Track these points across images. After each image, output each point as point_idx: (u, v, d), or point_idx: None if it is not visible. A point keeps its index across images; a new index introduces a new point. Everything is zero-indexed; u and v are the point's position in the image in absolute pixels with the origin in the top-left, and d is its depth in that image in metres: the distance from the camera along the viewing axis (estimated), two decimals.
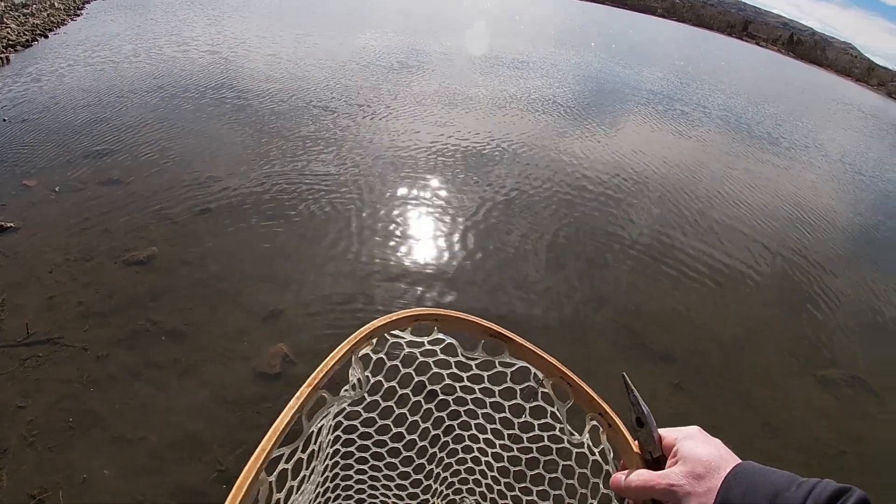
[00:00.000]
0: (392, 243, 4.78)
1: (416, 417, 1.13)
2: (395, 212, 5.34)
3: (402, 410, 1.10)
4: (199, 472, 2.64)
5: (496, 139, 8.11)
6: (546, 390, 0.89)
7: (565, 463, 1.02)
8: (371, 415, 1.08)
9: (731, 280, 5.54)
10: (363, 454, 1.15)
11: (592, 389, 0.86)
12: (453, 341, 0.95)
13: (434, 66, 13.05)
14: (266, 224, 4.73)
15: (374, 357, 0.90)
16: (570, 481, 1.00)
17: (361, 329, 0.84)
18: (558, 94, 12.50)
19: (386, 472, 1.20)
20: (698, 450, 0.68)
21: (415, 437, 1.17)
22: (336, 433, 1.01)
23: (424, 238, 4.98)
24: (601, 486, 0.91)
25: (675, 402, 3.74)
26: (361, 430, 1.11)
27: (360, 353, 0.84)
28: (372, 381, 0.95)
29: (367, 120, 7.89)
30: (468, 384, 1.07)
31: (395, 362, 1.00)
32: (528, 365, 0.91)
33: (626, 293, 4.81)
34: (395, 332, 0.90)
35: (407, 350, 0.96)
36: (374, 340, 0.86)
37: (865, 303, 5.99)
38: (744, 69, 41.31)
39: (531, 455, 1.12)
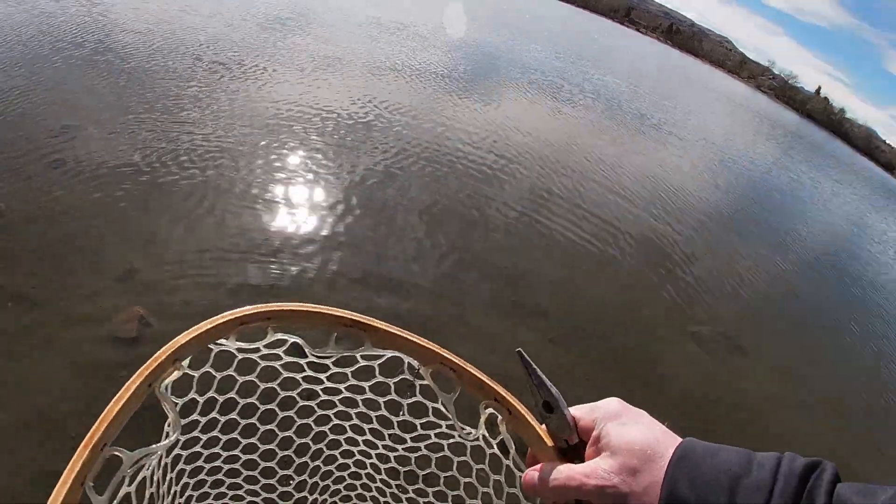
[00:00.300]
0: (260, 206, 4.38)
1: (271, 427, 0.92)
2: (266, 174, 4.89)
3: (250, 421, 0.89)
4: (56, 451, 2.36)
5: (375, 105, 7.71)
6: (425, 382, 0.73)
7: (460, 459, 0.86)
8: (212, 438, 0.85)
9: (603, 243, 5.74)
10: (219, 488, 0.92)
11: (483, 372, 0.70)
12: (298, 340, 0.74)
13: (317, 26, 12.32)
14: (125, 180, 4.22)
15: (197, 374, 0.69)
16: (469, 479, 0.86)
17: (159, 352, 0.61)
18: (439, 65, 12.24)
19: (264, 494, 1.01)
20: (629, 434, 0.55)
21: (284, 451, 0.98)
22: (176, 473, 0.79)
23: (295, 202, 4.62)
24: (504, 483, 0.76)
25: (549, 356, 3.82)
26: (207, 464, 0.88)
27: (164, 385, 0.62)
28: (201, 401, 0.76)
29: (243, 79, 7.25)
30: (331, 385, 0.87)
31: (227, 372, 0.76)
32: (398, 354, 0.74)
33: (501, 255, 4.82)
34: (220, 341, 0.69)
35: (242, 357, 0.74)
36: (186, 363, 0.64)
37: (727, 266, 6.63)
38: (624, 53, 43.58)
39: (421, 454, 0.94)
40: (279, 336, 0.72)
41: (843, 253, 11.34)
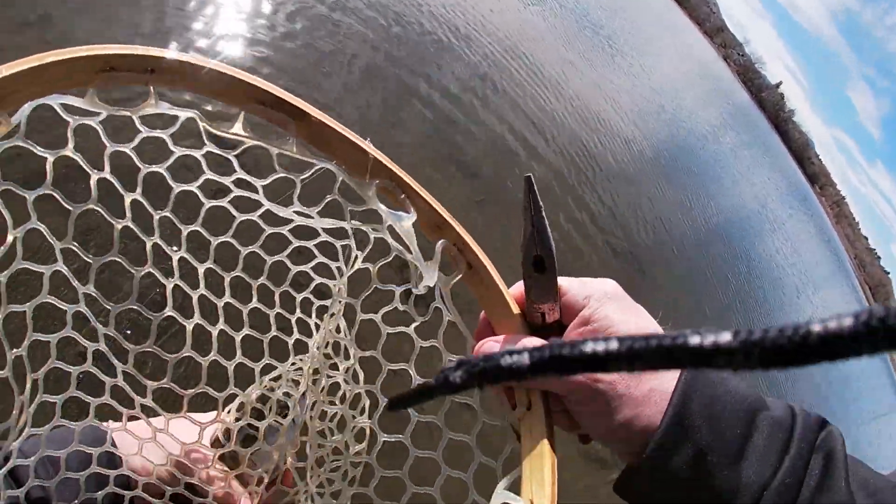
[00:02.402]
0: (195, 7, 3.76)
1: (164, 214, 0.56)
2: None
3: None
4: None
5: None
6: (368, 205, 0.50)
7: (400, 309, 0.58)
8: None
9: (543, 138, 5.66)
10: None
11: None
12: (193, 114, 0.47)
13: None
14: None
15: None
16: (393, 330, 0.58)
17: None
18: None
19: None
20: (635, 323, 0.42)
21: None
22: None
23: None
24: (442, 349, 0.52)
25: (474, 217, 3.79)
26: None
27: None
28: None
29: None
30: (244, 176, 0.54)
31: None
32: (335, 164, 0.49)
33: (440, 121, 4.56)
34: (59, 99, 0.41)
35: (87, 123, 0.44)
36: (17, 117, 0.39)
37: (649, 197, 6.88)
38: None
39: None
40: (165, 107, 0.45)
41: (742, 226, 12.24)
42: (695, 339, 0.17)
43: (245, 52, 3.55)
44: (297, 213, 0.55)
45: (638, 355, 0.18)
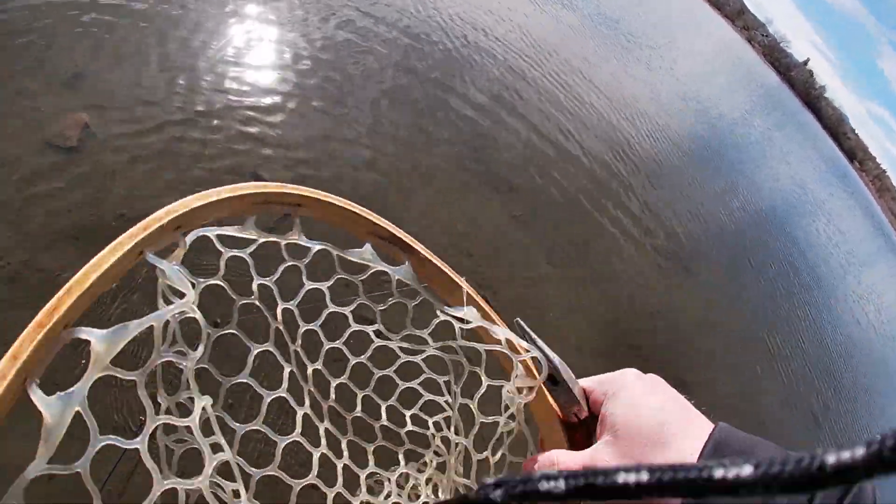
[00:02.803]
0: (223, 41, 3.87)
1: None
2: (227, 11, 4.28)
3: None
4: None
5: None
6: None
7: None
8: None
9: (574, 142, 5.60)
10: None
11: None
12: (329, 248, 0.58)
13: None
14: None
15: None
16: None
17: (159, 213, 0.44)
18: None
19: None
20: (637, 413, 0.45)
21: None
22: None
23: (262, 41, 4.02)
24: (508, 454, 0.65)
25: (512, 233, 3.85)
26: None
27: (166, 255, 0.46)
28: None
29: None
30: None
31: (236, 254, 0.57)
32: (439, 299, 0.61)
33: (470, 135, 4.57)
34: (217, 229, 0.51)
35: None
36: (186, 237, 0.47)
37: (687, 191, 6.71)
38: None
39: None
40: (301, 240, 0.56)
41: (782, 208, 11.89)
42: (719, 472, 0.19)
43: (274, 79, 3.67)
44: (405, 348, 0.68)
45: (665, 486, 0.20)
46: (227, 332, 0.57)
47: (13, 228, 2.29)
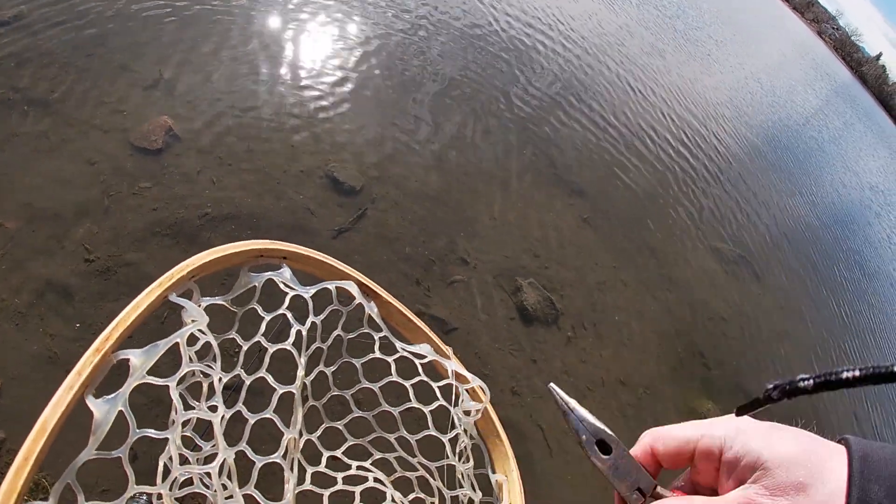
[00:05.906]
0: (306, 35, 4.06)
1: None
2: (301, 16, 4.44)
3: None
4: (65, 262, 2.29)
5: None
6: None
7: None
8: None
9: (641, 142, 5.56)
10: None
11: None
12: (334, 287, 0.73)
13: None
14: None
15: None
16: None
17: (178, 268, 0.59)
18: None
19: None
20: (780, 446, 0.39)
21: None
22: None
23: (321, 50, 4.18)
24: None
25: (581, 235, 3.90)
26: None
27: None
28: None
29: None
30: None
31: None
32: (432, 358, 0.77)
33: (543, 135, 4.61)
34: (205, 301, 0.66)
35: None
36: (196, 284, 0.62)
37: (755, 196, 6.50)
38: None
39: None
40: (296, 291, 0.70)
41: (853, 209, 11.31)
42: None
43: (334, 87, 3.80)
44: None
45: None
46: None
47: (102, 225, 2.47)
